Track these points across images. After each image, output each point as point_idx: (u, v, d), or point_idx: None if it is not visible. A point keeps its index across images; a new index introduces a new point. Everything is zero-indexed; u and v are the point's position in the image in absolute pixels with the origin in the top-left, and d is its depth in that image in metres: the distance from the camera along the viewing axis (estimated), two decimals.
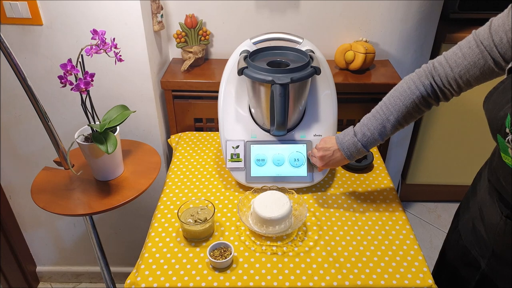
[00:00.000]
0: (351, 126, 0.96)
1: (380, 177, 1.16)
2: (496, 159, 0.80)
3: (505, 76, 0.73)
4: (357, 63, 1.38)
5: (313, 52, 1.06)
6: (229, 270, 0.89)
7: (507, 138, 0.67)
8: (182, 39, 1.39)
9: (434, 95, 0.86)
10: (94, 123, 1.06)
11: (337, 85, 1.12)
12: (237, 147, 1.09)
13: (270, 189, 1.03)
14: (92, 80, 0.97)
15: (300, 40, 1.09)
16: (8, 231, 1.60)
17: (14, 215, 1.63)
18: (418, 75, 0.88)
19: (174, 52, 1.50)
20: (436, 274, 1.08)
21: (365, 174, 1.17)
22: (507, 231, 0.79)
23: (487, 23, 0.77)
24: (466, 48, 0.79)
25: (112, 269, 1.37)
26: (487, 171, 0.87)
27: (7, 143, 1.44)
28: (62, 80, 0.94)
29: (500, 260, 0.85)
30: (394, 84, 1.05)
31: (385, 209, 1.05)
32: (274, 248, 0.94)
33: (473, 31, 0.79)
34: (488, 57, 0.75)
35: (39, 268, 1.83)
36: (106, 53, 0.96)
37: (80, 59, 0.95)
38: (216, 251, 0.91)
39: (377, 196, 1.09)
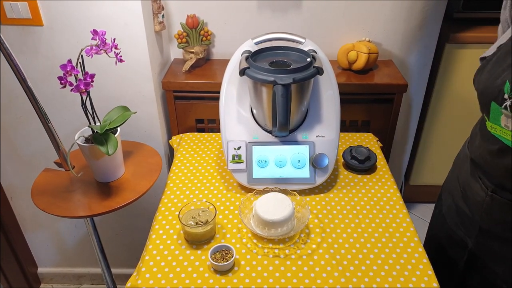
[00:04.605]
0: None
1: (383, 178, 1.15)
2: (478, 138, 0.84)
3: (495, 50, 0.77)
4: (360, 63, 1.37)
5: (316, 52, 1.05)
6: (231, 273, 0.88)
7: (504, 104, 0.71)
8: (184, 40, 1.38)
9: None
10: (95, 124, 1.06)
11: (340, 86, 1.11)
12: (239, 148, 1.08)
13: (272, 190, 1.02)
14: (92, 81, 0.96)
15: (303, 40, 1.08)
16: (9, 232, 1.60)
17: (15, 216, 1.63)
18: None
19: (176, 52, 1.49)
20: None
21: (368, 176, 1.16)
22: (494, 206, 0.82)
23: None
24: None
25: (113, 270, 1.36)
26: (469, 150, 0.90)
27: (8, 144, 1.44)
28: (62, 81, 0.93)
29: (488, 236, 0.88)
30: (398, 85, 1.04)
31: (389, 211, 1.04)
32: (276, 250, 0.93)
33: None
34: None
35: (40, 270, 1.82)
36: (106, 53, 0.95)
37: (80, 60, 0.95)
38: (217, 253, 0.90)
39: (381, 198, 1.08)
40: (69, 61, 0.92)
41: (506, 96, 0.71)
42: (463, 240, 0.95)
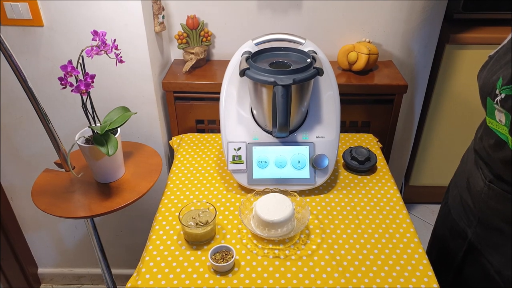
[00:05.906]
0: None
1: (383, 179, 1.15)
2: (482, 129, 0.87)
3: (499, 47, 0.80)
4: (360, 64, 1.37)
5: (316, 53, 1.05)
6: (231, 274, 0.88)
7: (496, 99, 0.73)
8: (184, 40, 1.38)
9: None
10: (95, 124, 1.06)
11: (340, 86, 1.11)
12: (239, 149, 1.08)
13: (272, 191, 1.02)
14: (93, 82, 0.96)
15: (303, 41, 1.08)
16: (10, 232, 1.60)
17: (15, 217, 1.63)
18: None
19: (176, 53, 1.49)
20: (429, 251, 1.13)
21: (368, 176, 1.16)
22: (490, 196, 0.84)
23: None
24: None
25: (113, 271, 1.36)
26: (474, 142, 0.93)
27: (9, 145, 1.44)
28: (62, 82, 0.93)
29: (486, 227, 0.90)
30: (397, 85, 1.04)
31: (389, 211, 1.04)
32: (276, 251, 0.93)
33: None
34: None
35: (40, 270, 1.82)
36: (106, 54, 0.96)
37: (80, 61, 0.95)
38: (217, 254, 0.90)
39: (381, 199, 1.08)
40: (70, 61, 0.93)
41: (497, 91, 0.73)
42: (464, 230, 0.96)
